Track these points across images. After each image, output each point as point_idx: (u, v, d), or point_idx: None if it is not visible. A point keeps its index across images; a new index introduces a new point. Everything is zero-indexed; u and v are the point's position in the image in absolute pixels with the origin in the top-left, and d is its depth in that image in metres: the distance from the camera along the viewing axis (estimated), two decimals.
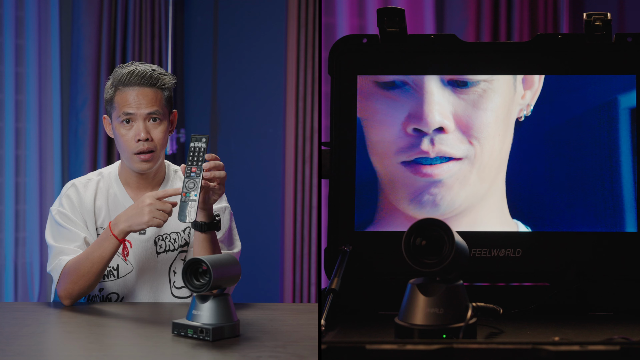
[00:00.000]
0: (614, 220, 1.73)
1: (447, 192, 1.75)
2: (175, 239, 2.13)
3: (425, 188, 1.76)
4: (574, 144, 1.75)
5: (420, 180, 1.76)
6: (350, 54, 1.81)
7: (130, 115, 2.04)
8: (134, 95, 2.04)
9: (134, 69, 2.05)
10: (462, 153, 1.76)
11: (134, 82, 2.04)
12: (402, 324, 1.44)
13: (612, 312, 1.70)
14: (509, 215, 1.75)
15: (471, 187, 1.75)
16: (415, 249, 1.47)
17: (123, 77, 2.05)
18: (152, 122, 2.05)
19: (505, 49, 1.81)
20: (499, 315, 1.57)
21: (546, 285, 1.74)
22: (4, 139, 3.53)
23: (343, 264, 1.67)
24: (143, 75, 2.04)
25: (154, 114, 2.05)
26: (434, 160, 1.76)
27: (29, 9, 3.59)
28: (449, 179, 1.75)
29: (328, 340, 1.39)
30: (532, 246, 1.73)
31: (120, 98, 2.05)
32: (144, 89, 2.05)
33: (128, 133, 2.04)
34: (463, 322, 1.42)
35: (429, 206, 1.75)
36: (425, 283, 1.45)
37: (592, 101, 1.76)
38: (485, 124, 1.76)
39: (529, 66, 1.78)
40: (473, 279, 1.74)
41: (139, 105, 2.03)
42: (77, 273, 1.97)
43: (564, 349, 1.27)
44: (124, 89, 2.05)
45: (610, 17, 1.74)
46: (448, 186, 1.75)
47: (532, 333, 1.56)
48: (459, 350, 1.29)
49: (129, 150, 2.05)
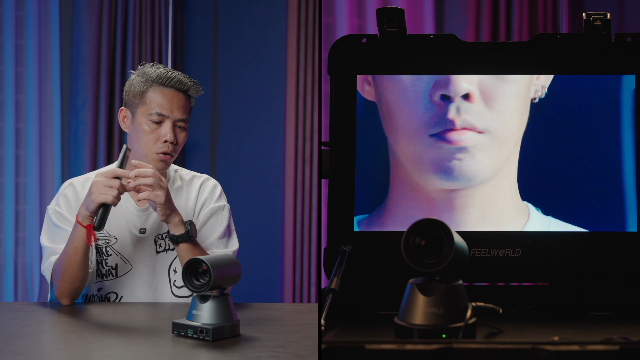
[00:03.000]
0: (614, 220, 1.73)
1: (471, 160, 1.76)
2: None
3: (452, 154, 1.77)
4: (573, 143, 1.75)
5: (447, 148, 1.77)
6: (350, 54, 1.82)
7: (162, 116, 2.06)
8: (171, 97, 2.08)
9: (171, 73, 2.09)
10: (484, 126, 1.77)
11: (173, 85, 2.08)
12: (401, 324, 1.44)
13: (612, 312, 1.70)
14: (519, 197, 1.76)
15: (490, 161, 1.76)
16: (415, 249, 1.47)
17: (161, 77, 2.08)
18: (179, 127, 2.10)
19: (504, 49, 1.81)
20: (498, 315, 1.57)
21: (546, 285, 1.74)
22: (4, 139, 3.53)
23: (343, 263, 1.67)
24: (182, 81, 2.09)
25: (183, 120, 2.10)
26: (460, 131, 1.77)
27: (29, 9, 3.59)
28: (472, 148, 1.76)
29: (328, 340, 1.39)
30: (532, 246, 1.73)
31: (156, 96, 2.07)
32: (179, 94, 2.09)
33: (156, 132, 2.06)
34: (462, 322, 1.42)
35: (455, 171, 1.76)
36: (425, 283, 1.45)
37: (592, 101, 1.76)
38: (507, 96, 1.76)
39: (528, 66, 1.78)
40: (473, 279, 1.74)
41: (173, 109, 2.07)
42: (61, 269, 1.99)
43: (564, 349, 1.27)
44: (161, 88, 2.08)
45: (610, 17, 1.74)
46: (472, 154, 1.76)
47: (531, 333, 1.56)
48: (458, 350, 1.29)
49: (151, 149, 2.07)
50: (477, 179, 1.76)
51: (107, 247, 2.11)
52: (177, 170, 2.24)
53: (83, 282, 2.01)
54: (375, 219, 1.78)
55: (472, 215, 1.76)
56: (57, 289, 2.00)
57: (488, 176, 1.76)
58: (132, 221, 2.12)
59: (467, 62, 1.78)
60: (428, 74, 1.78)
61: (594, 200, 1.73)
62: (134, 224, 2.12)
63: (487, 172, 1.76)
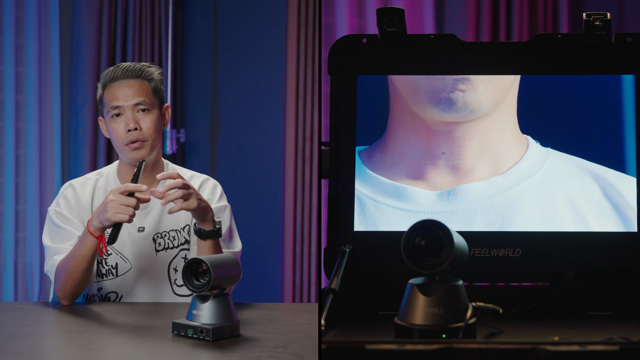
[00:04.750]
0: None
1: (474, 91, 1.76)
2: (174, 236, 2.13)
3: (454, 84, 1.77)
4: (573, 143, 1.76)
5: (448, 79, 1.77)
6: (350, 54, 1.82)
7: (118, 108, 2.07)
8: (121, 88, 2.08)
9: (119, 65, 2.11)
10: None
11: (120, 76, 2.09)
12: (401, 324, 1.44)
13: (612, 312, 1.70)
14: (519, 130, 1.76)
15: (492, 93, 1.77)
16: (415, 249, 1.47)
17: (109, 74, 2.10)
18: (140, 112, 2.09)
19: (505, 49, 1.81)
20: (498, 315, 1.57)
21: (546, 285, 1.74)
22: (4, 139, 3.53)
23: (343, 263, 1.67)
24: (127, 68, 2.10)
25: (141, 104, 2.08)
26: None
27: (29, 9, 3.59)
28: (475, 79, 1.77)
29: (328, 340, 1.39)
30: (532, 246, 1.73)
31: (108, 94, 2.09)
32: (128, 81, 2.09)
33: (119, 126, 2.07)
34: (463, 322, 1.42)
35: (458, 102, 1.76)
36: (425, 283, 1.45)
37: (592, 101, 1.76)
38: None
39: (528, 66, 1.78)
40: (473, 279, 1.75)
41: (126, 97, 2.07)
42: (66, 272, 1.98)
43: (564, 349, 1.27)
44: (111, 84, 2.09)
45: (610, 17, 1.74)
46: (474, 85, 1.77)
47: (531, 333, 1.56)
48: (458, 350, 1.29)
49: (120, 142, 2.08)
50: (479, 111, 1.76)
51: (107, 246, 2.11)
52: (176, 169, 2.23)
53: (85, 285, 2.02)
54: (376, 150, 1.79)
55: (472, 146, 1.76)
56: (59, 290, 2.00)
57: (490, 109, 1.77)
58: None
59: (467, 62, 1.79)
60: (428, 74, 1.78)
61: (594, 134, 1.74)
62: (132, 223, 2.12)
63: (489, 104, 1.77)
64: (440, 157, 1.77)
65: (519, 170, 1.76)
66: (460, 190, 1.76)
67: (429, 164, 1.77)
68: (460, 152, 1.76)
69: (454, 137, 1.77)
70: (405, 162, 1.78)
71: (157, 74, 2.14)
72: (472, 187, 1.76)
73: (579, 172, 1.74)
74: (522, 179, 1.75)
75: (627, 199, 1.72)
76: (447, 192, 1.76)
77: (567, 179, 1.74)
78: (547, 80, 1.77)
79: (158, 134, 2.11)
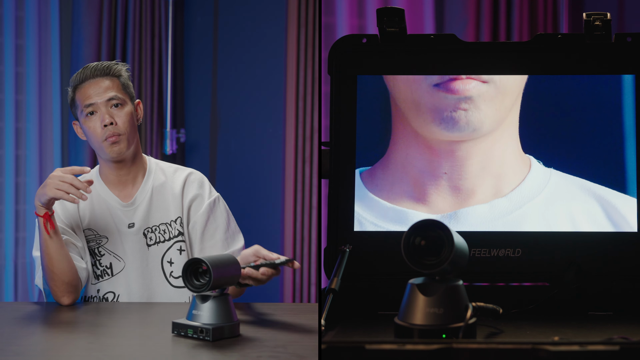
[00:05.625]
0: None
1: (476, 110, 1.76)
2: (164, 230, 2.13)
3: (457, 104, 1.76)
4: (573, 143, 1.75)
5: (451, 98, 1.77)
6: (350, 54, 1.81)
7: (92, 105, 2.09)
8: (91, 87, 2.10)
9: (86, 66, 2.13)
10: (488, 76, 1.77)
11: (89, 75, 2.11)
12: (401, 324, 1.44)
13: (612, 312, 1.70)
14: (521, 149, 1.76)
15: (494, 112, 1.76)
16: (415, 249, 1.47)
17: (78, 76, 2.12)
18: (114, 108, 2.10)
19: (505, 49, 1.81)
20: (498, 315, 1.57)
21: (546, 285, 1.74)
22: (4, 139, 3.53)
23: (343, 263, 1.67)
24: (95, 67, 2.12)
25: (113, 99, 2.10)
26: (465, 80, 1.77)
27: (29, 9, 3.59)
28: (478, 98, 1.76)
29: (328, 340, 1.39)
30: (532, 246, 1.73)
31: (80, 94, 2.11)
32: (98, 79, 2.11)
33: (94, 124, 2.09)
34: (463, 322, 1.42)
35: (461, 121, 1.76)
36: (425, 283, 1.45)
37: (592, 101, 1.76)
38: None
39: (529, 66, 1.78)
40: (473, 279, 1.75)
41: (98, 93, 2.09)
42: (45, 269, 2.00)
43: (564, 349, 1.27)
44: (81, 85, 2.11)
45: (610, 17, 1.74)
46: (477, 104, 1.76)
47: (531, 333, 1.56)
48: (458, 350, 1.29)
49: (98, 140, 2.09)
50: (482, 130, 1.76)
51: (99, 247, 2.11)
52: (158, 163, 2.22)
53: (70, 274, 2.00)
54: (377, 170, 1.79)
55: (474, 166, 1.76)
56: (53, 292, 2.00)
57: (492, 127, 1.76)
58: (118, 217, 2.12)
59: (467, 62, 1.78)
60: (428, 74, 1.78)
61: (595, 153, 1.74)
62: (121, 220, 2.12)
63: (491, 123, 1.76)
64: (442, 177, 1.76)
65: (521, 193, 1.74)
66: (461, 214, 1.75)
67: (431, 184, 1.76)
68: (462, 172, 1.75)
69: (456, 156, 1.76)
70: (406, 182, 1.77)
71: (125, 71, 2.16)
72: (473, 211, 1.75)
73: (582, 193, 1.73)
74: (524, 201, 1.74)
75: (629, 221, 1.72)
76: (449, 216, 1.75)
77: (570, 201, 1.73)
78: (547, 81, 1.77)
79: (133, 128, 2.13)
